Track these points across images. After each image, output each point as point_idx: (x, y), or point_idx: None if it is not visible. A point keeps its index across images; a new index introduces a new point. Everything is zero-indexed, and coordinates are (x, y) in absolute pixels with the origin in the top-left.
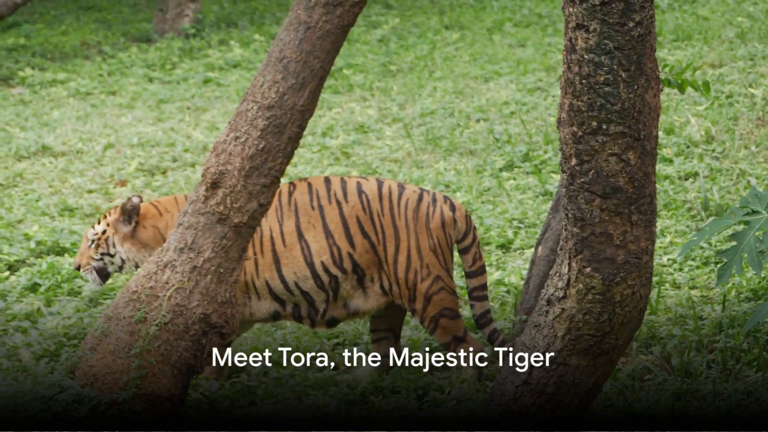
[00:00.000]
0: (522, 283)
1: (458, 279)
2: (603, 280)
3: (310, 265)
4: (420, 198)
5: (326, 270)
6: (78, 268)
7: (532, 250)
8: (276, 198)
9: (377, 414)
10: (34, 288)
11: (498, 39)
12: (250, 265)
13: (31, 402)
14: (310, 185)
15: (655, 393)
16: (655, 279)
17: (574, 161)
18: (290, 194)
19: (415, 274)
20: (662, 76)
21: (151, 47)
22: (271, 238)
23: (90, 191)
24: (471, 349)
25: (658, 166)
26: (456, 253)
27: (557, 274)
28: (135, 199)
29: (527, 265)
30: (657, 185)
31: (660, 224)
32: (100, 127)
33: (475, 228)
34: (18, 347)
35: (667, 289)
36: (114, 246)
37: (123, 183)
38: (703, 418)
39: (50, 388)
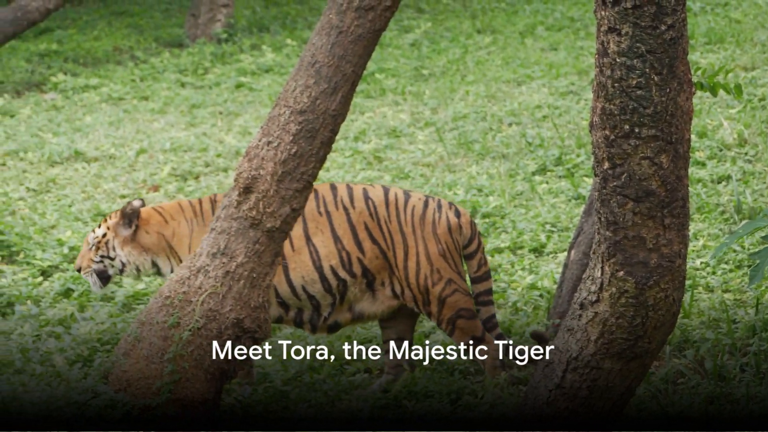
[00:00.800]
0: (555, 287)
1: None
2: (636, 283)
3: (319, 268)
4: (426, 204)
5: (335, 273)
6: (79, 270)
7: (565, 253)
8: None
9: (410, 418)
10: (67, 293)
11: (530, 43)
12: None
13: (64, 407)
14: (316, 192)
15: (689, 396)
16: (688, 282)
17: (606, 165)
18: None
19: (425, 278)
20: (695, 79)
21: (183, 52)
22: None
23: (123, 196)
24: (491, 351)
25: (691, 170)
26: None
27: (590, 278)
28: (135, 203)
29: (560, 269)
30: (690, 188)
31: (693, 227)
32: (132, 132)
33: (480, 234)
34: (51, 353)
35: (700, 293)
36: (114, 249)
37: (156, 188)
38: (736, 421)
39: (84, 394)
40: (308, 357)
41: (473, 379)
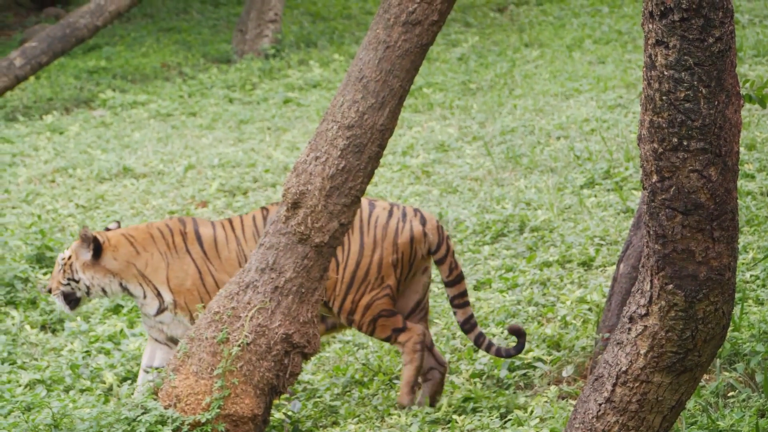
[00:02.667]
0: (604, 300)
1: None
2: (685, 296)
3: None
4: (390, 214)
5: None
6: (50, 292)
7: (614, 267)
8: (251, 223)
9: None
10: (116, 309)
11: (578, 56)
12: None
13: (114, 423)
14: None
15: (739, 410)
16: (737, 295)
17: (655, 178)
18: (264, 219)
19: (366, 287)
20: (743, 91)
21: (230, 68)
22: None
23: (171, 212)
24: (409, 337)
25: (740, 182)
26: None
27: (639, 291)
28: (87, 231)
29: (609, 283)
30: (739, 201)
31: (742, 240)
32: (180, 148)
33: (448, 238)
34: (101, 369)
35: (750, 306)
36: (77, 272)
37: (204, 204)
38: None
39: (134, 410)
40: (357, 372)
41: (522, 393)
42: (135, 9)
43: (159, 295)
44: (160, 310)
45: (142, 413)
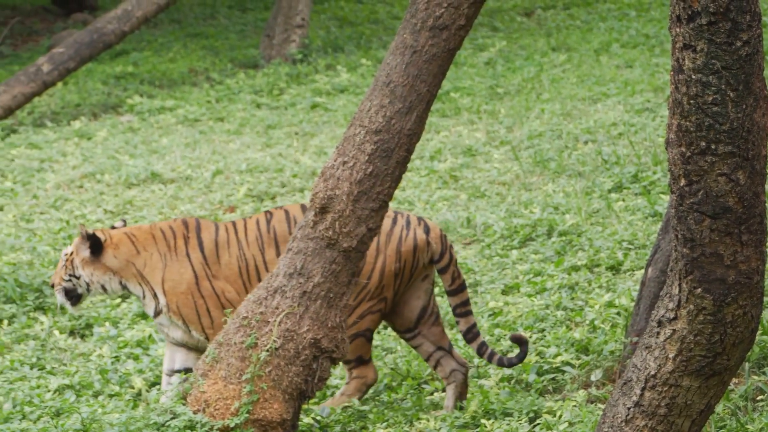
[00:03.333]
0: (632, 304)
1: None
2: (714, 300)
3: None
4: (394, 221)
5: None
6: (53, 287)
7: (642, 271)
8: (255, 227)
9: None
10: (145, 315)
11: (605, 60)
12: (242, 292)
13: (144, 428)
14: (287, 213)
15: None
16: (766, 299)
17: (683, 182)
18: (268, 222)
19: (365, 295)
20: None
21: (258, 73)
22: (256, 267)
23: (200, 218)
24: (364, 376)
25: None
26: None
27: (668, 296)
28: (86, 230)
29: (637, 287)
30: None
31: None
32: (208, 153)
33: (451, 247)
34: (130, 374)
35: None
36: (78, 268)
37: (232, 209)
38: None
39: (163, 415)
40: (386, 376)
41: (551, 397)
42: (162, 14)
43: (155, 296)
44: (157, 312)
45: (171, 418)
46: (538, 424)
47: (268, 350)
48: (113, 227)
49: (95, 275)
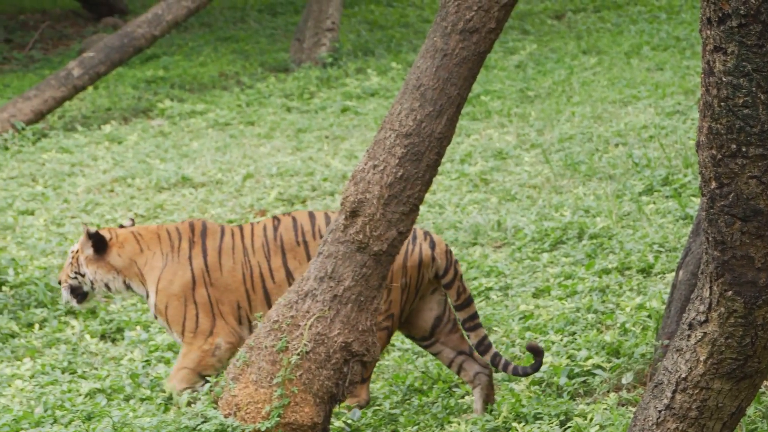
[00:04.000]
0: (663, 307)
1: None
2: (745, 303)
3: None
4: None
5: None
6: (60, 284)
7: (673, 274)
8: (262, 234)
9: None
10: None
11: (636, 63)
12: (244, 301)
13: None
14: (294, 220)
15: None
16: None
17: (713, 184)
18: (275, 229)
19: None
20: None
21: (288, 77)
22: (261, 274)
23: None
24: (357, 396)
25: None
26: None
27: (698, 298)
28: (90, 229)
29: (668, 290)
30: None
31: None
32: (239, 157)
33: (456, 262)
34: (161, 378)
35: None
36: (83, 266)
37: (263, 213)
38: None
39: (194, 418)
40: (416, 380)
41: (582, 400)
42: (193, 18)
43: (149, 296)
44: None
45: (203, 422)
46: (569, 427)
47: (299, 354)
48: (122, 226)
49: (98, 273)
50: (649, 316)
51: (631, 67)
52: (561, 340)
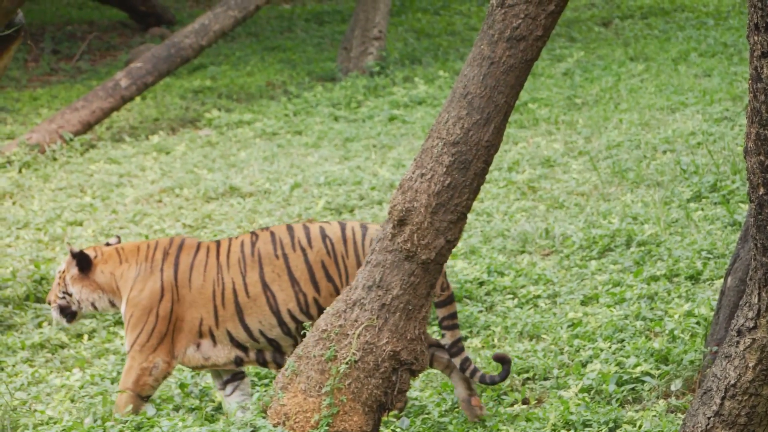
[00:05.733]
0: (712, 314)
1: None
2: None
3: (276, 313)
4: None
5: (293, 317)
6: (49, 304)
7: (722, 280)
8: (239, 249)
9: None
10: None
11: (683, 69)
12: (209, 316)
13: None
14: (273, 234)
15: None
16: None
17: (762, 191)
18: (253, 244)
19: None
20: None
21: (335, 86)
22: (234, 290)
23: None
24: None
25: None
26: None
27: (747, 305)
28: (73, 248)
29: (717, 296)
30: None
31: None
32: (286, 166)
33: None
34: (210, 388)
35: None
36: (69, 285)
37: (311, 222)
38: None
39: (243, 428)
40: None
41: (631, 407)
42: (239, 28)
43: (123, 306)
44: None
45: (251, 431)
46: None
47: (347, 363)
48: (107, 244)
49: (83, 292)
50: (697, 323)
51: (678, 74)
52: (609, 347)
